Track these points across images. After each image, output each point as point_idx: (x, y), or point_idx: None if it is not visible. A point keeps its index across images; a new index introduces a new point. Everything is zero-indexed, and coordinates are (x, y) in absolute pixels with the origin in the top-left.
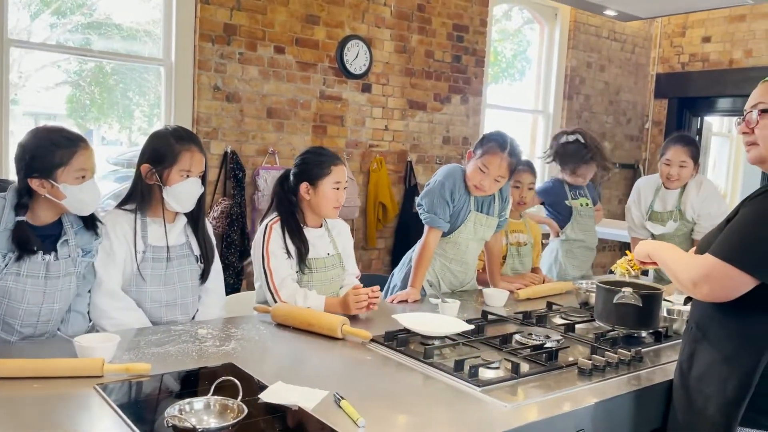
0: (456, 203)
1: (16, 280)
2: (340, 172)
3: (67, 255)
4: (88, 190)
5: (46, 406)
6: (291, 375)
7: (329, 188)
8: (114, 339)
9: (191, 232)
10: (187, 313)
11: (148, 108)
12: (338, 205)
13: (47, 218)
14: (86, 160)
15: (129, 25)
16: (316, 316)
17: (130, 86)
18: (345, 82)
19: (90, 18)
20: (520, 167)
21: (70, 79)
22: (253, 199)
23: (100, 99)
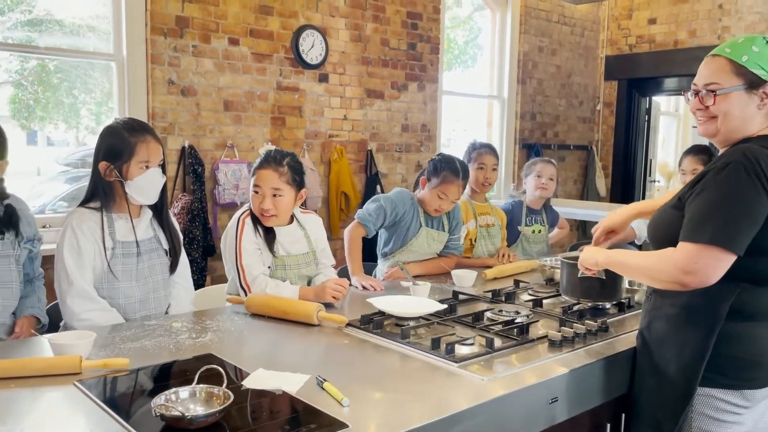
0: (400, 219)
1: None
2: (258, 176)
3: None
4: None
5: (26, 405)
6: (271, 362)
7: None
8: (90, 336)
9: (157, 225)
10: (160, 307)
11: (95, 106)
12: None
13: None
14: None
15: (72, 21)
16: (291, 303)
17: (75, 84)
18: (302, 73)
19: (30, 15)
20: (483, 150)
21: (12, 79)
22: (213, 194)
23: (45, 98)
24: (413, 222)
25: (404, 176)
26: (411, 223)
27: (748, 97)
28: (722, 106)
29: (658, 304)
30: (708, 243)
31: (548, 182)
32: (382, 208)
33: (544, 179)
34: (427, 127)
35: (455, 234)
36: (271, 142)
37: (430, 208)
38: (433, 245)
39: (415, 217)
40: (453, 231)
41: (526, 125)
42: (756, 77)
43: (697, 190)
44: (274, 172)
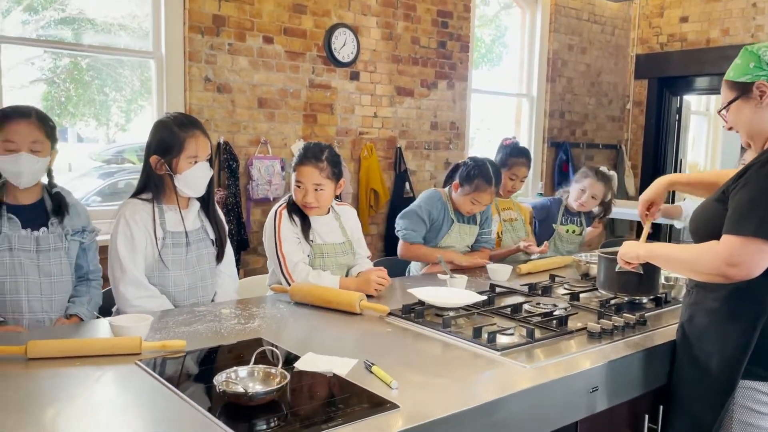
0: (435, 222)
1: (10, 255)
2: (300, 172)
3: (55, 230)
4: (12, 162)
5: (92, 381)
6: (318, 347)
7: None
8: (148, 319)
9: (204, 216)
10: (207, 295)
11: (125, 104)
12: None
13: (25, 198)
14: (14, 132)
15: (104, 20)
16: (334, 293)
17: (106, 82)
18: (333, 71)
19: (63, 13)
20: (520, 160)
21: (45, 77)
22: (247, 189)
23: (76, 96)
24: (445, 220)
25: (433, 173)
26: (443, 221)
27: (745, 103)
28: (731, 120)
29: (699, 298)
30: (752, 235)
31: (589, 200)
32: (419, 218)
33: (585, 197)
34: (456, 124)
35: (486, 228)
36: (303, 139)
37: (463, 210)
38: (466, 239)
39: (447, 215)
40: (483, 225)
41: (555, 124)
42: (744, 84)
43: (741, 184)
44: (315, 168)
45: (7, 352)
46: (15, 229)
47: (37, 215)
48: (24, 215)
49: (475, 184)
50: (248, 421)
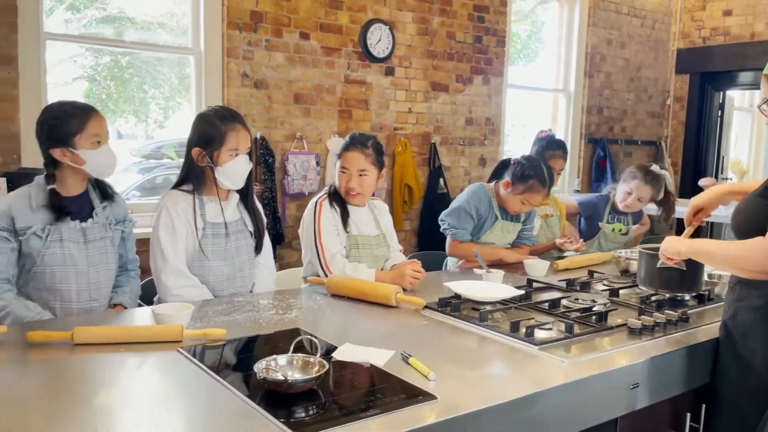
0: (480, 217)
1: (60, 246)
2: (345, 158)
3: (99, 221)
4: (104, 154)
5: (135, 367)
6: (354, 338)
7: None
8: (189, 308)
9: (243, 208)
10: (245, 286)
11: (164, 101)
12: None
13: (75, 188)
14: (99, 125)
15: (143, 18)
16: (370, 285)
17: (145, 79)
18: (369, 66)
19: (104, 12)
20: (557, 153)
21: (86, 74)
22: (283, 184)
23: (116, 93)
24: (489, 216)
25: (467, 169)
26: (487, 217)
27: None
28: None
29: (743, 295)
30: None
31: (635, 203)
32: (467, 215)
33: (631, 200)
34: (492, 120)
35: (528, 225)
36: (338, 134)
37: (510, 209)
38: (507, 236)
39: (491, 211)
40: (526, 221)
41: (593, 119)
42: None
43: None
44: (361, 153)
45: (54, 337)
46: (64, 221)
47: (83, 206)
48: (71, 206)
49: (528, 185)
50: (287, 408)
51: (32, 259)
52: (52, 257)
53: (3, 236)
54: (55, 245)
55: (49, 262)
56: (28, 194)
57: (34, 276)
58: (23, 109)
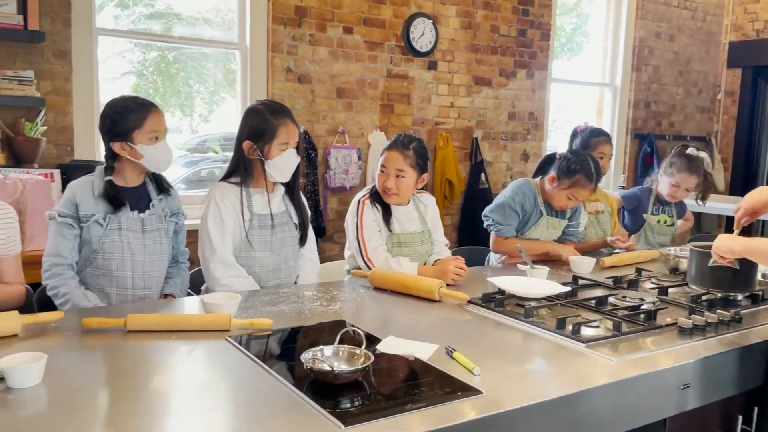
0: (526, 213)
1: (119, 234)
2: (386, 157)
3: (155, 212)
4: (161, 150)
5: (185, 354)
6: (397, 331)
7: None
8: (236, 298)
9: (289, 200)
10: (290, 277)
11: (208, 95)
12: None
13: (133, 180)
14: (157, 122)
15: (189, 14)
16: (413, 279)
17: (190, 74)
18: (411, 60)
19: (152, 9)
20: (602, 138)
21: (134, 69)
22: (324, 178)
23: (163, 87)
24: (534, 212)
25: (509, 165)
26: (532, 213)
27: None
28: None
29: None
30: None
31: (682, 193)
32: (512, 210)
33: (681, 191)
34: (535, 115)
35: (574, 221)
36: (379, 128)
37: (556, 204)
38: (552, 233)
39: (536, 207)
40: (572, 218)
41: (640, 114)
42: None
43: None
44: (400, 154)
45: (109, 324)
46: (124, 210)
47: (140, 197)
48: (131, 198)
49: (575, 179)
50: (333, 398)
51: (92, 246)
52: (111, 245)
53: (68, 223)
54: (114, 233)
55: (108, 250)
56: (90, 183)
57: (93, 262)
58: (76, 102)
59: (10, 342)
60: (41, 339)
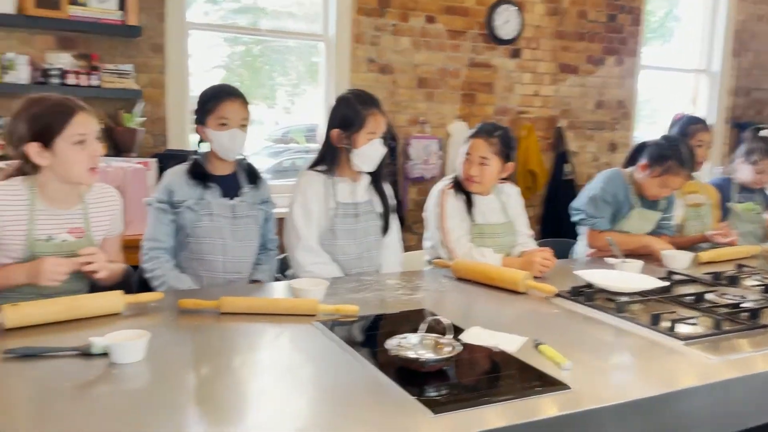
0: (618, 204)
1: (210, 220)
2: (470, 144)
3: (246, 200)
4: (226, 137)
5: (273, 336)
6: (481, 322)
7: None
8: (323, 284)
9: (373, 190)
10: (372, 266)
11: (291, 87)
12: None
13: (222, 168)
14: (228, 109)
15: (273, 8)
16: (497, 270)
17: (274, 67)
18: (494, 49)
19: (239, 4)
20: (700, 126)
21: (222, 63)
22: (404, 168)
23: (248, 80)
24: (625, 203)
25: (596, 155)
26: (623, 204)
27: None
28: None
29: None
30: None
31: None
32: (604, 202)
33: (767, 176)
34: (624, 103)
35: (668, 213)
36: (460, 118)
37: (648, 193)
38: (645, 226)
39: (627, 198)
40: (666, 210)
41: (739, 102)
42: None
43: None
44: (485, 141)
45: (204, 306)
46: (215, 197)
47: (232, 185)
48: (222, 185)
49: (667, 166)
50: (419, 385)
51: (185, 231)
52: (203, 230)
53: (163, 208)
54: (206, 219)
55: (201, 234)
56: (184, 171)
57: (187, 246)
58: (169, 94)
59: (114, 320)
60: (142, 318)
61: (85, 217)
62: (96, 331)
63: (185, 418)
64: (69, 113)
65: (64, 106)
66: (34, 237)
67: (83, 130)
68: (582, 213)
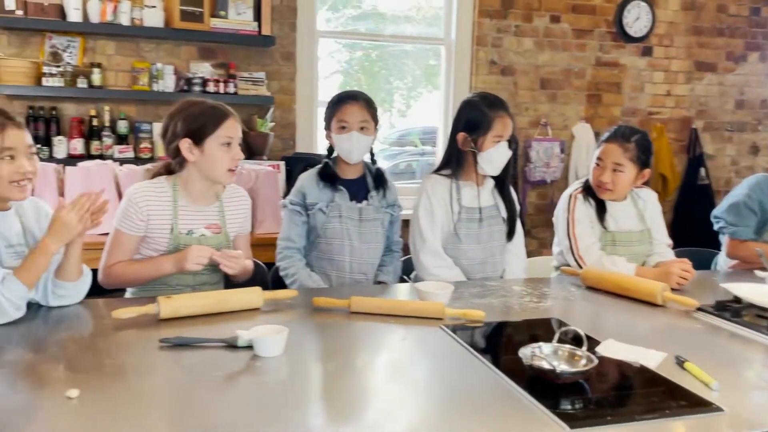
0: (765, 212)
1: (339, 222)
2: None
3: (373, 203)
4: (345, 140)
5: (400, 337)
6: (615, 335)
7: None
8: (449, 287)
9: (498, 194)
10: (496, 271)
11: (406, 91)
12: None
13: (351, 172)
14: (347, 113)
15: (392, 13)
16: (632, 280)
17: (391, 72)
18: (623, 47)
19: (359, 10)
20: None
21: (341, 68)
22: (524, 171)
23: (366, 85)
24: None
25: (735, 159)
26: None
27: None
28: None
29: None
30: None
31: None
32: (748, 210)
33: None
34: None
35: None
36: (585, 120)
37: None
38: None
39: None
40: None
41: None
42: None
43: None
44: (619, 147)
45: (335, 304)
46: (344, 199)
47: (360, 189)
48: (351, 188)
49: None
50: (554, 398)
51: (316, 232)
52: (332, 231)
53: (297, 210)
54: (335, 221)
55: (330, 235)
56: (316, 174)
57: (317, 246)
58: (299, 100)
59: (254, 314)
60: (279, 313)
61: (221, 215)
62: (239, 324)
63: (310, 412)
64: (222, 117)
65: (219, 110)
66: (177, 231)
67: (231, 134)
68: (722, 221)
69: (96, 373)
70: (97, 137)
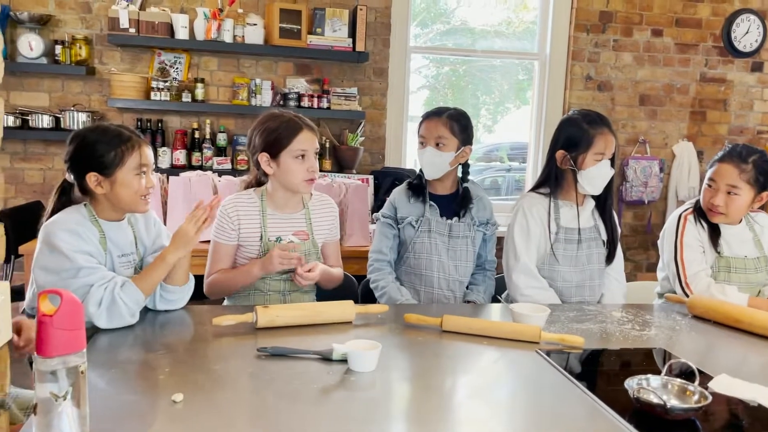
0: None
1: (428, 237)
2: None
3: (465, 221)
4: (421, 156)
5: (493, 360)
6: (727, 370)
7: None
8: (545, 310)
9: (598, 215)
10: (594, 296)
11: (493, 106)
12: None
13: (443, 188)
14: (425, 129)
15: (481, 28)
16: (746, 312)
17: (478, 86)
18: (731, 62)
19: (448, 26)
20: None
21: (428, 83)
22: (620, 190)
23: (452, 100)
24: None
25: None
26: None
27: None
28: None
29: None
30: None
31: None
32: None
33: None
34: None
35: None
36: (687, 138)
37: None
38: None
39: None
40: None
41: None
42: None
43: None
44: (736, 168)
45: (426, 322)
46: (434, 215)
47: (450, 205)
48: (441, 204)
49: None
50: None
51: (405, 246)
52: (420, 245)
53: (388, 223)
54: (424, 236)
55: (418, 250)
56: (407, 189)
57: (407, 261)
58: (389, 115)
59: (347, 328)
60: (371, 328)
61: (308, 222)
62: (332, 337)
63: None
64: (296, 130)
65: (294, 123)
66: (266, 238)
67: (305, 147)
68: None
69: (199, 379)
70: (198, 149)
